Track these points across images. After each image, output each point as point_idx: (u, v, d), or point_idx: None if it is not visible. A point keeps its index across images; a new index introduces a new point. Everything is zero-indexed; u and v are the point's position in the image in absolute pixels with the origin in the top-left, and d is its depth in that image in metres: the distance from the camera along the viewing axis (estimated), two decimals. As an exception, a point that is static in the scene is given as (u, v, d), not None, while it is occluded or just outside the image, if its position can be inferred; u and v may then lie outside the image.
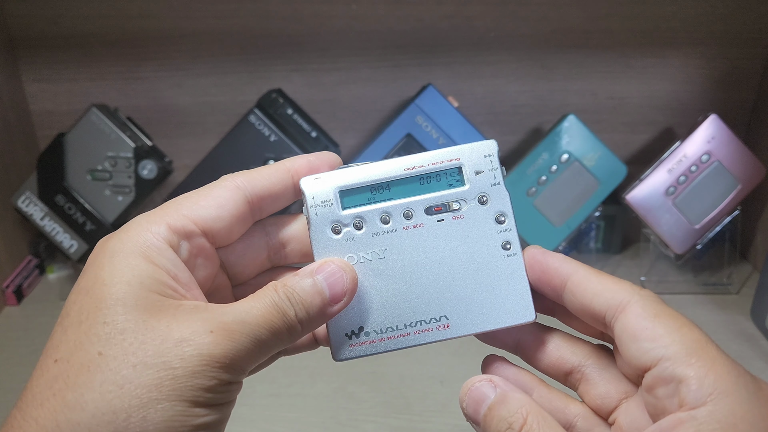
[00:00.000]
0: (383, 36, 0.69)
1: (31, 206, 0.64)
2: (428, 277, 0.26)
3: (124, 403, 0.21)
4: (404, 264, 0.26)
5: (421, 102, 0.62)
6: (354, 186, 0.27)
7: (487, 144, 0.27)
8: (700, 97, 0.72)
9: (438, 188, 0.27)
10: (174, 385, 0.21)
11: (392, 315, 0.26)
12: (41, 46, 0.69)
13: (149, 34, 0.68)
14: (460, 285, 0.26)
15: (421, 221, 0.26)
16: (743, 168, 0.64)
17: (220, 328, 0.23)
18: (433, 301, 0.26)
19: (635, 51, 0.70)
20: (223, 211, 0.26)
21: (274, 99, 0.63)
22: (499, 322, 0.27)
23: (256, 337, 0.23)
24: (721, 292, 0.69)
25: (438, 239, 0.26)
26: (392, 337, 0.26)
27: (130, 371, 0.21)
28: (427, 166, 0.27)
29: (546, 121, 0.73)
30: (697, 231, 0.65)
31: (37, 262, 0.72)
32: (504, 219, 0.27)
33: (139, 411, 0.21)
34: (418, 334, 0.26)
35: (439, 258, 0.26)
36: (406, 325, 0.26)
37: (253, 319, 0.23)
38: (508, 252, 0.27)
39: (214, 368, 0.22)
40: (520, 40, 0.69)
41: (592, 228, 0.70)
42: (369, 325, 0.26)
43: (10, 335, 0.62)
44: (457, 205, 0.27)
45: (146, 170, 0.63)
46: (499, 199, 0.27)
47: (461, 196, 0.27)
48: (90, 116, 0.62)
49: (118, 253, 0.24)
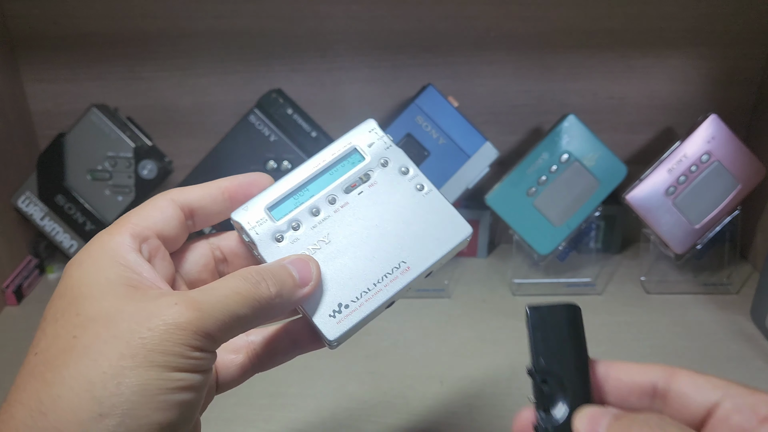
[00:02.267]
0: (383, 36, 0.69)
1: (31, 206, 0.64)
2: (374, 238, 0.30)
3: (99, 372, 0.23)
4: (349, 238, 0.30)
5: (421, 102, 0.62)
6: (278, 199, 0.30)
7: (367, 122, 0.33)
8: (700, 97, 0.72)
9: (346, 170, 0.31)
10: (144, 353, 0.23)
11: (361, 281, 0.29)
12: (41, 46, 0.69)
13: (149, 34, 0.68)
14: (402, 233, 0.30)
15: (346, 200, 0.31)
16: (743, 168, 0.64)
17: (184, 300, 0.25)
18: (388, 255, 0.30)
19: (635, 51, 0.70)
20: (165, 215, 0.29)
21: (274, 99, 0.63)
22: (447, 246, 0.31)
23: (226, 307, 0.25)
24: (721, 292, 0.69)
25: (366, 207, 0.30)
26: (369, 298, 0.29)
27: (102, 345, 0.23)
28: (330, 159, 0.31)
29: (546, 121, 0.73)
30: (697, 231, 0.65)
31: (37, 262, 0.72)
32: (407, 169, 0.32)
33: (114, 378, 0.23)
34: (388, 286, 0.29)
35: (375, 221, 0.30)
36: (376, 283, 0.29)
37: (221, 291, 0.26)
38: (423, 192, 0.31)
39: (181, 335, 0.24)
40: (520, 40, 0.69)
41: (592, 228, 0.70)
42: (345, 298, 0.29)
43: (10, 335, 0.63)
44: (366, 176, 0.31)
45: (146, 170, 0.63)
46: (397, 157, 0.32)
47: (367, 168, 0.31)
48: (90, 116, 0.63)
49: (85, 261, 0.26)
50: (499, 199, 0.65)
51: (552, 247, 0.66)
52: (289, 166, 0.63)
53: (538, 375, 0.28)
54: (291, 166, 0.63)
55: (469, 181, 0.63)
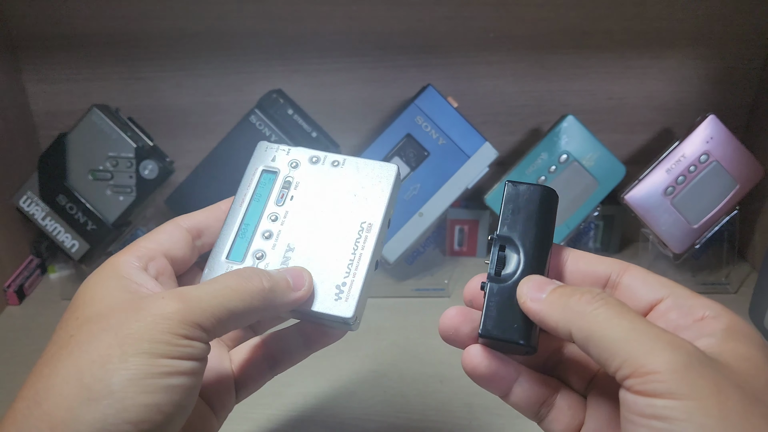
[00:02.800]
0: (383, 36, 0.69)
1: (32, 206, 0.64)
2: (329, 221, 0.32)
3: (88, 361, 0.24)
4: (309, 235, 0.32)
5: (420, 102, 0.63)
6: (230, 246, 0.33)
7: (259, 146, 0.35)
8: (698, 97, 0.72)
9: (268, 190, 0.34)
10: (131, 341, 0.24)
11: (341, 258, 0.31)
12: (42, 47, 0.69)
13: (150, 35, 0.69)
14: (347, 203, 0.33)
15: (285, 210, 0.33)
16: (741, 168, 0.64)
17: (172, 294, 0.27)
18: (348, 225, 0.32)
19: (634, 51, 0.70)
20: (172, 237, 0.32)
21: (275, 99, 0.63)
22: (386, 189, 0.33)
23: (215, 300, 0.27)
24: (719, 291, 0.69)
25: (305, 205, 0.33)
26: (357, 266, 0.31)
27: (93, 339, 0.25)
28: (249, 191, 0.34)
29: (545, 121, 0.73)
30: (696, 231, 0.65)
31: (38, 262, 0.72)
32: (317, 157, 0.34)
33: (102, 366, 0.24)
34: (365, 247, 0.31)
35: (319, 209, 0.33)
36: (353, 252, 0.31)
37: (212, 285, 0.28)
38: (341, 164, 0.34)
39: (167, 324, 0.25)
40: (519, 40, 0.69)
41: (591, 228, 0.70)
42: (338, 278, 0.31)
43: (12, 335, 0.63)
44: (287, 183, 0.34)
45: (147, 170, 0.64)
46: (301, 154, 0.35)
47: (284, 177, 0.34)
48: (91, 116, 0.63)
49: (92, 278, 0.29)
50: (498, 199, 0.65)
51: (551, 247, 0.66)
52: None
53: (498, 240, 0.30)
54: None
55: (468, 181, 0.64)
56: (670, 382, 0.22)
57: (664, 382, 0.22)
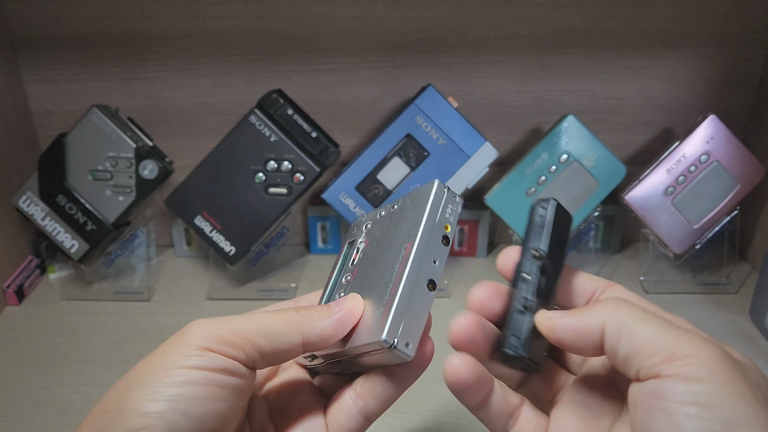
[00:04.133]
0: (383, 36, 0.69)
1: (32, 206, 0.64)
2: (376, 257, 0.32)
3: (143, 362, 0.26)
4: (366, 278, 0.32)
5: (420, 102, 0.63)
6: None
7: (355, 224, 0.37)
8: (699, 97, 0.72)
9: (347, 255, 0.35)
10: (161, 353, 0.26)
11: (381, 283, 0.30)
12: (42, 47, 0.69)
13: (150, 35, 0.69)
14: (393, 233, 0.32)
15: (356, 267, 0.34)
16: (742, 168, 0.64)
17: (212, 318, 0.27)
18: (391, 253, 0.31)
19: (634, 51, 0.70)
20: None
21: (275, 99, 0.63)
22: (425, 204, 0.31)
23: (253, 322, 0.27)
24: (720, 291, 0.69)
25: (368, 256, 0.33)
26: (395, 287, 0.29)
27: (137, 362, 0.27)
28: (337, 264, 0.36)
29: (545, 121, 0.73)
30: (696, 231, 0.65)
31: (38, 262, 0.72)
32: (381, 213, 0.35)
33: (134, 386, 0.25)
34: (403, 267, 0.29)
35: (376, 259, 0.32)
36: (393, 274, 0.29)
37: (254, 313, 0.28)
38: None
39: (196, 338, 0.26)
40: (519, 40, 0.69)
41: (591, 228, 0.70)
42: (378, 303, 0.29)
43: (11, 335, 0.63)
44: (360, 244, 0.35)
45: (147, 170, 0.64)
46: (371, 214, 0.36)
47: (360, 241, 0.35)
48: (91, 116, 0.63)
49: None
50: (498, 200, 0.65)
51: (551, 247, 0.66)
52: (289, 167, 0.63)
53: (545, 258, 0.30)
54: (291, 167, 0.64)
55: (468, 181, 0.64)
56: (710, 367, 0.22)
57: (704, 366, 0.22)
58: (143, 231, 0.70)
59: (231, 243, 0.64)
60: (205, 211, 0.64)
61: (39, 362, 0.58)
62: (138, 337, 0.62)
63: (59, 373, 0.57)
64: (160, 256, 0.77)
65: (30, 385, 0.55)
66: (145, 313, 0.67)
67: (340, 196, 0.64)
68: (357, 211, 0.65)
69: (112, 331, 0.63)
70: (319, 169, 0.64)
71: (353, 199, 0.64)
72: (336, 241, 0.77)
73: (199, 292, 0.70)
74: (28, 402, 0.53)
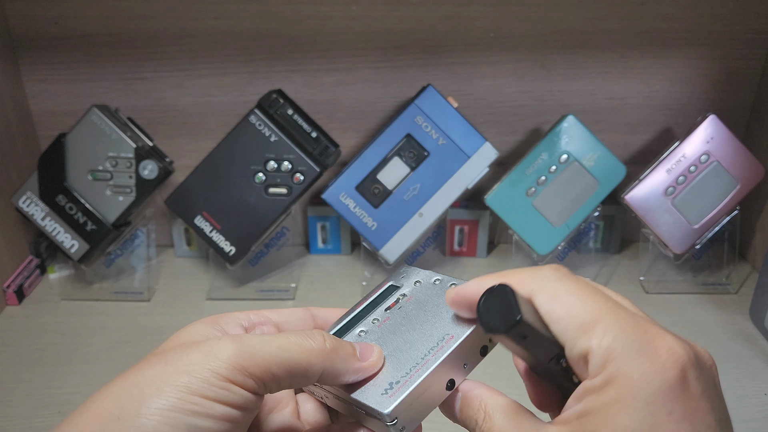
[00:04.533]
0: (383, 36, 0.69)
1: (32, 206, 0.64)
2: (417, 330, 0.32)
3: (132, 384, 0.25)
4: (394, 337, 0.32)
5: (420, 102, 0.63)
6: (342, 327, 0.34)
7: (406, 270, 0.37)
8: (699, 97, 0.72)
9: (384, 299, 0.35)
10: (175, 373, 0.25)
11: (408, 359, 0.30)
12: (42, 47, 0.69)
13: (150, 35, 0.69)
14: (444, 315, 0.32)
15: (389, 315, 0.34)
16: (742, 168, 0.64)
17: (231, 337, 0.26)
18: (432, 334, 0.31)
19: (634, 51, 0.70)
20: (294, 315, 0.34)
21: (275, 99, 0.63)
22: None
23: (274, 350, 0.26)
24: (720, 291, 0.69)
25: (406, 313, 0.33)
26: (418, 370, 0.29)
27: (147, 366, 0.26)
28: (372, 297, 0.35)
29: (545, 121, 0.73)
30: (696, 231, 0.65)
31: (38, 262, 0.72)
32: (438, 279, 0.35)
33: (140, 389, 0.24)
34: (435, 355, 0.30)
35: (412, 323, 0.32)
36: (423, 357, 0.30)
37: (275, 336, 0.27)
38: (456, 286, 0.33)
39: (214, 362, 0.25)
40: (519, 40, 0.69)
41: (591, 228, 0.70)
42: (395, 377, 0.30)
43: (11, 335, 0.63)
44: (403, 295, 0.35)
45: (147, 170, 0.64)
46: (427, 275, 0.36)
47: (401, 292, 0.35)
48: (91, 116, 0.63)
49: (194, 323, 0.30)
50: (498, 200, 0.65)
51: (551, 247, 0.66)
52: (289, 167, 0.63)
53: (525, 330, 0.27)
54: (291, 167, 0.64)
55: (468, 181, 0.64)
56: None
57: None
58: (143, 231, 0.70)
59: (231, 243, 0.64)
60: (205, 211, 0.64)
61: (39, 362, 0.58)
62: (138, 337, 0.62)
63: (59, 373, 0.57)
64: (160, 256, 0.77)
65: (30, 385, 0.55)
66: (145, 313, 0.67)
67: (340, 196, 0.64)
68: (357, 211, 0.64)
69: (112, 331, 0.63)
70: (319, 169, 0.64)
71: (353, 199, 0.64)
72: (336, 241, 0.77)
73: (199, 292, 0.70)
74: (28, 402, 0.53)
